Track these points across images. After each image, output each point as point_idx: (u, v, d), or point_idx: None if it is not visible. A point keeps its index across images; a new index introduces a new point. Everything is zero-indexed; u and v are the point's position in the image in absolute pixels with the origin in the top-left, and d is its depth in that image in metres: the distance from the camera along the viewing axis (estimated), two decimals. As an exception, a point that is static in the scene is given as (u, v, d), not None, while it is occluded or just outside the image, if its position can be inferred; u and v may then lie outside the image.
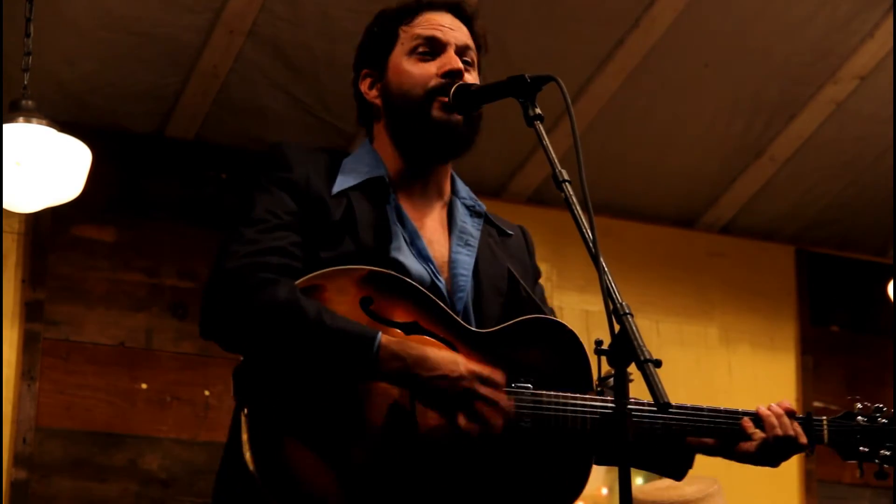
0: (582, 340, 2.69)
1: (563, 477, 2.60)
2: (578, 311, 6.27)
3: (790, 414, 2.78)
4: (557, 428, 2.57)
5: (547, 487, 2.58)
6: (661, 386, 2.18)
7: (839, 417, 2.85)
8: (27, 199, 4.76)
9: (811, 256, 6.94)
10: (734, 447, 2.77)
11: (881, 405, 2.87)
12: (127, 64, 5.44)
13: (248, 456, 2.41)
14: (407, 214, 2.70)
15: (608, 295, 2.30)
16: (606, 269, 2.33)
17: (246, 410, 2.45)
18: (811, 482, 6.58)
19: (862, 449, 2.82)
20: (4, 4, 4.91)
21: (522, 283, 2.76)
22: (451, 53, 2.74)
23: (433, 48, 2.75)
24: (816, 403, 6.73)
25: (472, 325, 2.64)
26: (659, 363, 2.22)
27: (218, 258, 2.54)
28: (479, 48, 2.83)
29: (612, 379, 2.30)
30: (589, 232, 2.39)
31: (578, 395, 2.60)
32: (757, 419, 2.78)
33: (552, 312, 2.84)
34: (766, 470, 3.00)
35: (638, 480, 5.41)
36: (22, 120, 4.64)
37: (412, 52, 2.75)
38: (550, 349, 2.64)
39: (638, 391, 2.32)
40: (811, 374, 6.77)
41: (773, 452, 2.76)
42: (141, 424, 5.56)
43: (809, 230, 6.86)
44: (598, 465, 2.66)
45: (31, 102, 4.68)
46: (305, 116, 5.77)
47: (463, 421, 2.48)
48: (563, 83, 2.52)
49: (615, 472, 2.48)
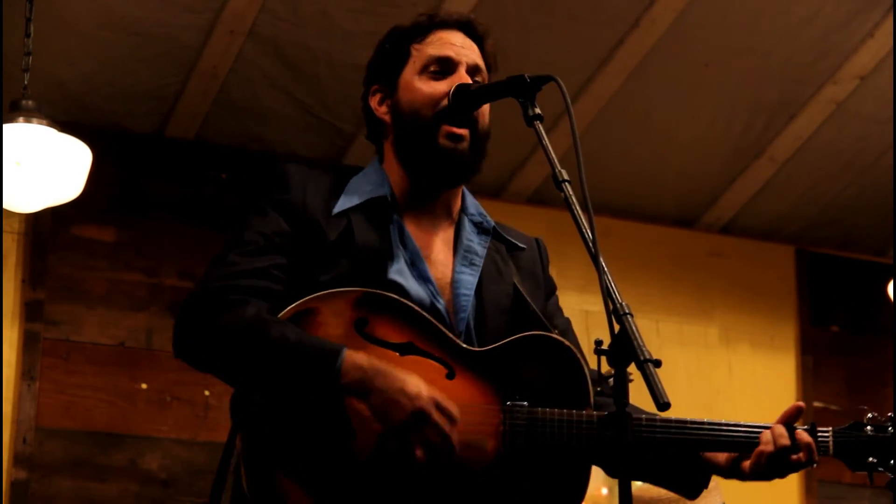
0: (581, 343, 2.68)
1: (559, 492, 2.59)
2: (578, 311, 6.25)
3: (790, 427, 2.74)
4: (553, 444, 2.56)
5: (544, 502, 2.58)
6: (661, 386, 2.18)
7: (846, 428, 2.82)
8: (27, 199, 4.76)
9: (811, 256, 6.94)
10: (745, 463, 2.75)
11: (892, 415, 2.85)
12: (127, 64, 5.44)
13: (244, 482, 2.45)
14: (410, 235, 2.70)
15: (608, 295, 2.30)
16: (606, 269, 2.33)
17: (240, 435, 2.48)
18: (811, 482, 6.57)
19: (871, 460, 2.80)
20: (4, 4, 4.91)
21: (529, 299, 2.75)
22: (462, 73, 2.74)
23: (445, 68, 2.75)
24: (816, 403, 6.73)
25: (474, 344, 2.64)
26: (659, 363, 2.22)
27: (200, 279, 2.58)
28: (489, 67, 2.83)
29: (611, 379, 2.29)
30: (589, 232, 2.39)
31: (574, 411, 2.59)
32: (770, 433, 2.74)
33: (567, 324, 2.84)
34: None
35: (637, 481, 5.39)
36: (22, 120, 4.64)
37: (424, 70, 2.75)
38: (547, 366, 2.63)
39: (638, 391, 2.32)
40: (811, 374, 6.77)
41: (780, 466, 2.73)
42: (141, 424, 5.56)
43: (809, 230, 6.86)
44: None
45: (31, 102, 4.68)
46: (305, 116, 5.77)
47: (414, 446, 2.47)
48: (562, 83, 2.52)
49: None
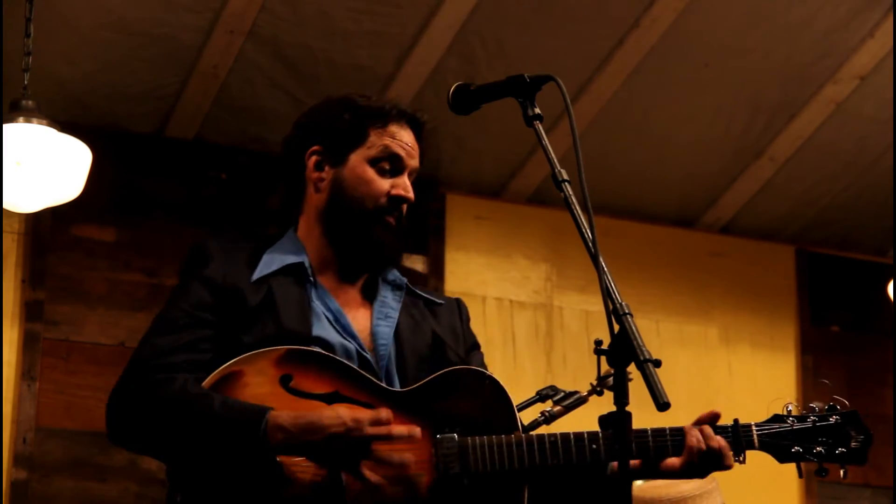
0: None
1: None
2: (578, 311, 6.27)
3: (714, 426, 2.75)
4: (485, 469, 2.60)
5: None
6: (660, 386, 2.18)
7: (767, 421, 2.84)
8: (27, 199, 4.76)
9: (811, 256, 6.94)
10: (659, 465, 2.72)
11: (813, 404, 2.87)
12: (127, 64, 5.44)
13: None
14: (329, 294, 2.76)
15: (608, 295, 2.30)
16: (606, 269, 2.33)
17: (179, 498, 2.56)
18: (811, 482, 6.57)
19: (795, 449, 2.81)
20: (4, 4, 4.91)
21: (449, 345, 2.80)
22: (405, 179, 2.80)
23: (394, 166, 2.80)
24: (816, 403, 6.72)
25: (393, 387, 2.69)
26: (659, 363, 2.22)
27: (126, 365, 2.65)
28: (421, 163, 2.88)
29: (611, 378, 2.29)
30: (589, 232, 2.39)
31: (504, 436, 2.62)
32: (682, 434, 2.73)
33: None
34: (766, 470, 3.00)
35: (637, 481, 5.39)
36: (22, 120, 4.64)
37: (374, 161, 2.79)
38: (472, 397, 2.67)
39: (637, 391, 2.32)
40: (811, 374, 6.77)
41: (697, 467, 2.71)
42: (141, 424, 5.55)
43: (809, 230, 6.86)
44: None
45: (31, 102, 4.68)
46: (305, 116, 5.76)
47: (369, 471, 2.50)
48: (562, 83, 2.52)
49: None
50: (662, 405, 2.17)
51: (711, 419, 2.76)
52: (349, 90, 2.94)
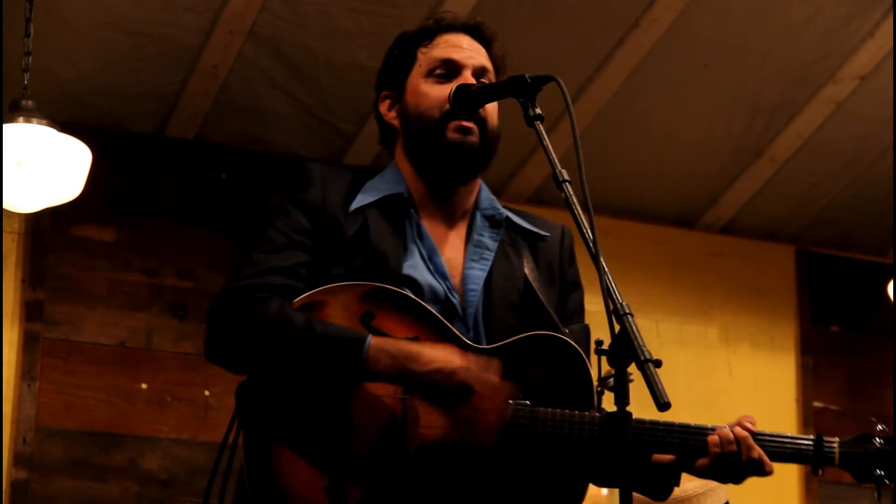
0: (581, 351, 2.68)
1: (558, 493, 2.60)
2: (578, 311, 6.27)
3: (792, 437, 2.74)
4: (553, 444, 2.57)
5: (543, 501, 2.58)
6: (661, 386, 2.18)
7: (853, 439, 2.79)
8: (27, 199, 4.76)
9: (811, 256, 6.94)
10: (694, 463, 2.71)
11: None
12: (127, 64, 5.44)
13: (243, 467, 2.46)
14: (426, 231, 2.72)
15: (608, 295, 2.30)
16: (606, 269, 2.33)
17: (241, 422, 2.50)
18: (811, 482, 6.57)
19: (878, 472, 2.79)
20: (4, 4, 4.91)
21: (539, 294, 2.75)
22: (467, 76, 2.75)
23: (450, 70, 2.76)
24: (816, 403, 6.73)
25: (482, 339, 2.65)
26: (659, 363, 2.22)
27: (227, 280, 2.61)
28: (497, 70, 2.83)
29: (611, 379, 2.29)
30: (589, 232, 2.39)
31: (577, 412, 2.59)
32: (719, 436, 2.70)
33: (583, 330, 2.80)
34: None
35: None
36: (22, 120, 4.64)
37: (429, 73, 2.76)
38: (552, 366, 2.63)
39: (638, 391, 2.32)
40: (811, 374, 6.77)
41: (724, 471, 2.70)
42: (141, 424, 5.56)
43: (809, 230, 6.86)
44: (595, 485, 2.66)
45: (31, 102, 4.67)
46: (305, 116, 5.77)
47: (464, 412, 2.49)
48: (563, 83, 2.52)
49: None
50: (663, 405, 2.16)
51: (738, 425, 2.70)
52: (349, 90, 2.93)
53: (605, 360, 2.30)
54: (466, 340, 2.61)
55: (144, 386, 5.60)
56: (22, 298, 5.48)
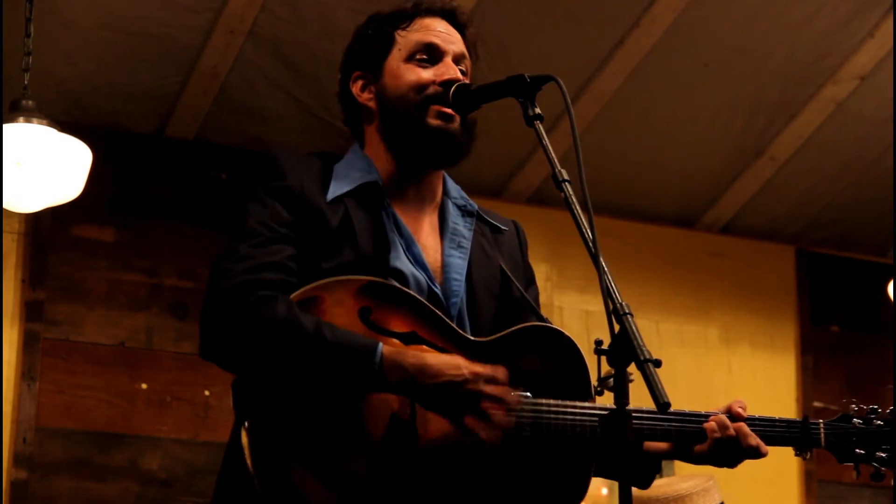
0: (581, 343, 2.68)
1: (563, 484, 2.60)
2: (578, 311, 6.27)
3: (779, 420, 2.78)
4: (557, 436, 2.57)
5: (548, 495, 2.58)
6: (661, 386, 2.18)
7: (835, 420, 2.85)
8: (27, 199, 4.76)
9: (811, 256, 6.94)
10: (691, 448, 2.73)
11: (876, 406, 2.87)
12: (127, 64, 5.44)
13: (251, 472, 2.42)
14: (401, 220, 2.70)
15: (608, 295, 2.30)
16: (606, 269, 2.33)
17: (247, 425, 2.45)
18: (811, 482, 6.58)
19: (858, 451, 2.83)
20: (4, 4, 4.91)
21: (516, 283, 2.76)
22: (448, 62, 2.74)
23: (431, 55, 2.75)
24: (816, 403, 6.73)
25: (466, 328, 2.64)
26: (659, 363, 2.22)
27: (213, 276, 2.54)
28: (470, 55, 2.82)
29: (611, 379, 2.29)
30: (589, 232, 2.39)
31: (578, 402, 2.59)
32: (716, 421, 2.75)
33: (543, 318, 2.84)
34: (766, 470, 3.00)
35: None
36: (22, 120, 4.64)
37: (410, 57, 2.75)
38: (549, 357, 2.64)
39: (638, 391, 2.32)
40: (811, 374, 6.77)
41: (722, 455, 2.72)
42: (141, 424, 5.56)
43: (809, 230, 6.86)
44: (596, 476, 2.66)
45: (31, 102, 4.68)
46: (305, 116, 5.77)
47: (471, 422, 2.49)
48: (563, 83, 2.52)
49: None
50: (663, 405, 2.16)
51: (729, 411, 2.76)
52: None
53: (604, 359, 2.30)
54: (464, 334, 2.61)
55: (144, 386, 5.60)
56: (22, 298, 5.48)
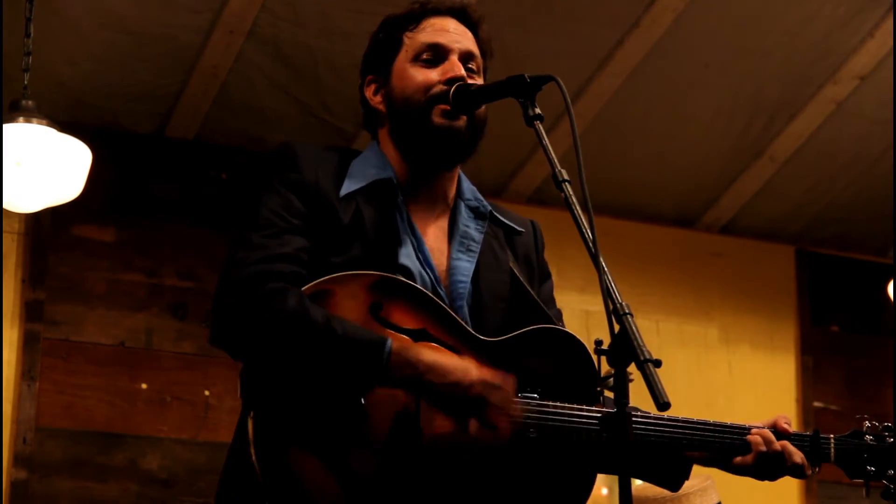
0: (585, 345, 2.68)
1: (567, 486, 2.60)
2: (578, 311, 6.27)
3: (790, 435, 2.79)
4: (562, 438, 2.58)
5: (551, 496, 2.59)
6: (660, 386, 2.17)
7: (846, 436, 2.85)
8: (27, 199, 4.76)
9: (811, 256, 6.94)
10: (731, 460, 2.77)
11: (889, 424, 2.86)
12: (127, 64, 5.44)
13: (254, 462, 2.42)
14: (412, 220, 2.71)
15: (608, 295, 2.29)
16: (606, 269, 2.33)
17: (252, 414, 2.45)
18: (811, 482, 6.58)
19: (869, 468, 2.82)
20: (4, 4, 4.91)
21: (526, 286, 2.77)
22: (454, 60, 2.74)
23: (436, 55, 2.75)
24: (816, 403, 6.73)
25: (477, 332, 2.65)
26: (659, 363, 2.22)
27: (227, 265, 2.55)
28: (484, 54, 2.83)
29: (612, 379, 2.29)
30: (589, 232, 2.39)
31: (584, 406, 2.60)
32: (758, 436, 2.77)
33: (559, 315, 2.84)
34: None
35: (637, 481, 5.40)
36: (22, 120, 4.64)
37: (416, 58, 2.76)
38: (558, 359, 2.65)
39: (638, 391, 2.32)
40: (811, 374, 6.77)
41: (764, 469, 2.76)
42: (141, 424, 5.56)
43: (809, 230, 6.86)
44: (600, 472, 2.66)
45: (31, 102, 4.68)
46: (305, 116, 5.77)
47: (474, 427, 2.50)
48: (563, 83, 2.52)
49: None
50: (663, 405, 2.16)
51: (774, 426, 2.78)
52: (349, 90, 2.91)
53: (604, 359, 2.30)
54: (474, 334, 2.61)
55: (144, 386, 5.60)
56: (22, 298, 5.48)
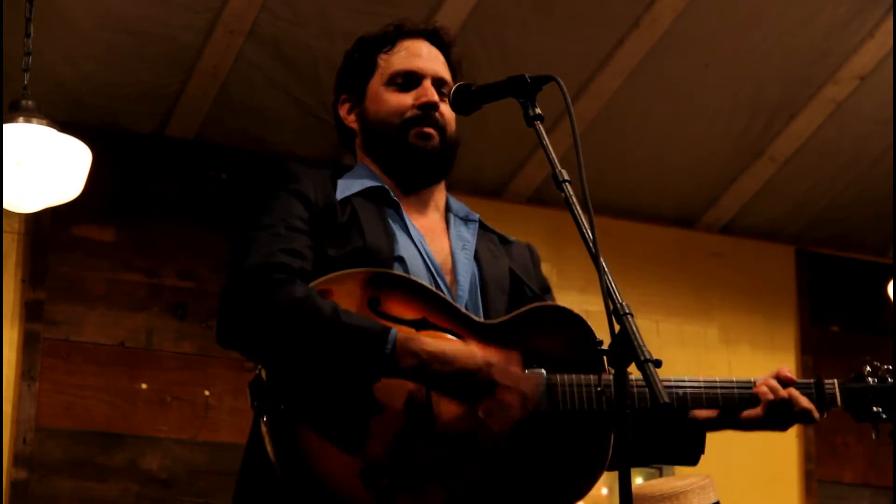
0: (583, 317, 2.70)
1: (583, 458, 2.61)
2: (578, 311, 6.23)
3: (795, 382, 2.81)
4: (574, 410, 2.59)
5: (568, 469, 2.60)
6: (660, 386, 2.18)
7: (850, 380, 2.86)
8: (27, 199, 4.76)
9: (811, 256, 6.94)
10: (739, 415, 2.78)
11: (890, 366, 2.88)
12: (127, 64, 5.44)
13: (272, 458, 2.44)
14: (409, 218, 2.76)
15: (608, 295, 2.30)
16: (606, 269, 2.33)
17: (265, 419, 2.47)
18: (811, 482, 6.57)
19: (875, 409, 2.83)
20: (4, 4, 4.91)
21: (525, 280, 2.81)
22: (427, 85, 2.80)
23: (410, 80, 2.81)
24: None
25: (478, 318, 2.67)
26: (659, 363, 2.22)
27: (231, 266, 2.58)
28: (454, 75, 2.88)
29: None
30: (589, 232, 2.39)
31: (592, 376, 2.61)
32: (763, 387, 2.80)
33: None
34: (765, 470, 3.01)
35: (637, 480, 5.41)
36: (22, 120, 4.64)
37: (390, 82, 2.82)
38: (559, 334, 2.67)
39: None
40: (811, 374, 6.77)
41: (776, 418, 2.77)
42: (141, 424, 5.56)
43: (809, 230, 6.86)
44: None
45: (31, 102, 4.68)
46: (305, 116, 5.77)
47: (485, 409, 2.51)
48: (563, 83, 2.52)
49: (615, 472, 2.49)
50: (662, 405, 2.17)
51: (777, 376, 2.81)
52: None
53: (605, 359, 2.30)
54: (474, 317, 2.63)
55: (144, 386, 5.60)
56: (22, 298, 5.48)
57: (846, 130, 6.25)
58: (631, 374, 2.29)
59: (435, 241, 2.76)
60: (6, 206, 4.76)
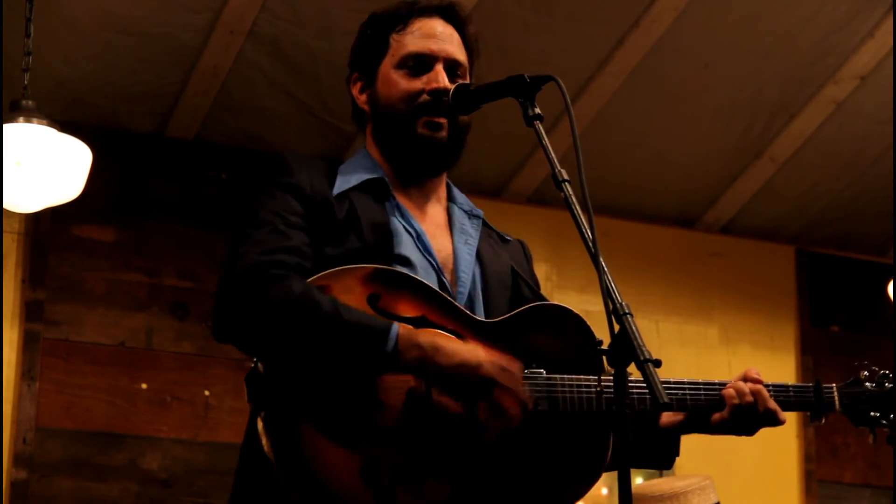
0: (581, 316, 2.70)
1: (583, 458, 2.61)
2: (578, 310, 6.23)
3: (794, 386, 2.80)
4: (573, 410, 2.59)
5: (568, 469, 2.60)
6: (660, 386, 2.18)
7: (848, 384, 2.86)
8: (27, 199, 4.76)
9: (811, 256, 6.94)
10: (708, 418, 2.75)
11: (887, 371, 2.88)
12: (127, 64, 5.44)
13: (268, 454, 2.43)
14: (410, 214, 2.73)
15: (608, 295, 2.30)
16: (606, 269, 2.33)
17: (263, 414, 2.45)
18: (811, 482, 6.57)
19: (873, 414, 2.83)
20: (4, 4, 4.92)
21: (526, 278, 2.80)
22: (438, 69, 2.74)
23: (422, 64, 2.75)
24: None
25: (479, 316, 2.66)
26: (659, 363, 2.22)
27: (227, 261, 2.55)
28: (470, 52, 2.82)
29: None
30: (589, 232, 2.39)
31: (591, 377, 2.61)
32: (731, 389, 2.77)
33: None
34: (765, 470, 3.00)
35: (637, 480, 5.41)
36: (22, 120, 4.64)
37: (401, 65, 2.76)
38: (558, 334, 2.66)
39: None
40: (811, 374, 6.76)
41: (741, 423, 2.74)
42: (141, 424, 5.56)
43: (809, 230, 6.86)
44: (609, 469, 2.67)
45: (31, 102, 4.68)
46: (305, 116, 5.77)
47: (482, 410, 2.51)
48: (562, 83, 2.52)
49: (615, 472, 2.49)
50: (662, 405, 2.17)
51: (745, 378, 2.77)
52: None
53: (604, 359, 2.30)
54: (473, 316, 2.62)
55: (144, 386, 5.60)
56: (22, 298, 5.48)
57: (846, 130, 6.25)
58: (630, 374, 2.29)
59: (436, 236, 2.74)
60: (6, 206, 4.76)
